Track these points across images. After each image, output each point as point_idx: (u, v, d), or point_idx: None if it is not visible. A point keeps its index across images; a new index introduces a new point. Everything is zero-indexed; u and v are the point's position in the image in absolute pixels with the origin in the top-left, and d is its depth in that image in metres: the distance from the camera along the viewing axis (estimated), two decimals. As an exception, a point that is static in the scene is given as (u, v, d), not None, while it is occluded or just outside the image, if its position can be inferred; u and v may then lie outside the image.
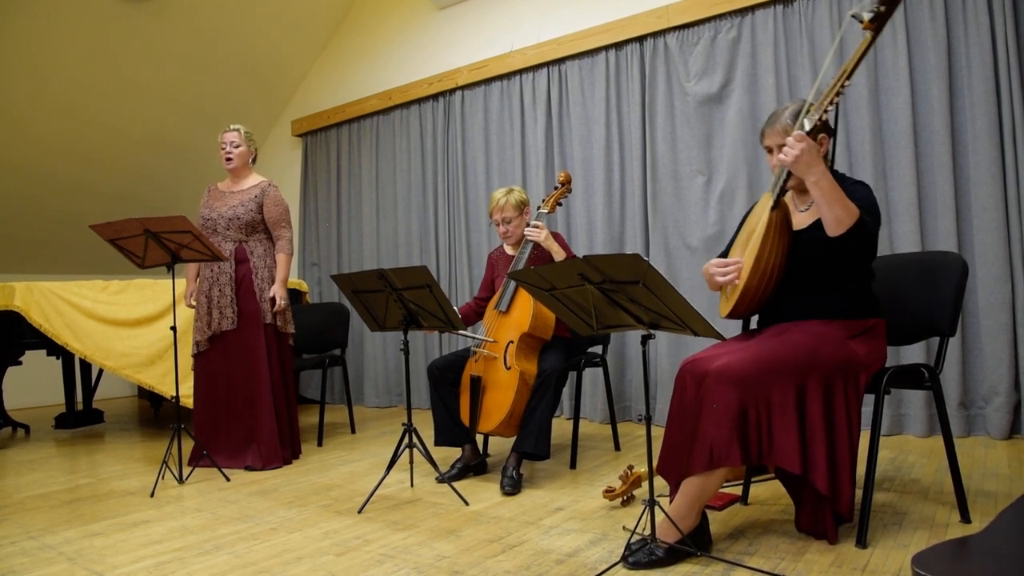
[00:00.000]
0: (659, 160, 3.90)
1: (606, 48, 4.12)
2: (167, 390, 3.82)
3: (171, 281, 3.27)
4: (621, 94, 4.08)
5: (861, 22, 1.76)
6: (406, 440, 2.63)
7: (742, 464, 1.81)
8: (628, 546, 1.85)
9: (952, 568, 0.95)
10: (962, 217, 3.13)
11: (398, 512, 2.44)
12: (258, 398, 3.23)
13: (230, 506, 2.61)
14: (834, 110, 1.88)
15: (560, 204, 3.14)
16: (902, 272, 2.26)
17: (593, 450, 3.34)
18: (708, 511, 2.11)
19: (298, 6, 5.25)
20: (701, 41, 3.79)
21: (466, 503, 2.50)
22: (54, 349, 4.12)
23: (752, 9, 3.64)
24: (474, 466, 2.92)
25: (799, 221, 2.03)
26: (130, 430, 4.54)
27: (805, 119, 1.85)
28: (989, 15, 3.05)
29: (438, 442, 2.91)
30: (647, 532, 1.84)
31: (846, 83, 1.80)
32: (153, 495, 2.79)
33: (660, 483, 2.16)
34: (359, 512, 2.45)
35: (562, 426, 3.81)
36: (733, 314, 2.08)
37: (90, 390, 4.73)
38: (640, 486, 2.40)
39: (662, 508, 1.87)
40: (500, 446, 3.31)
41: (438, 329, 2.67)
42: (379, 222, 5.23)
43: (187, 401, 3.43)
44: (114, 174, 5.48)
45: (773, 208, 1.94)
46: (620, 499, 2.37)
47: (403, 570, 1.89)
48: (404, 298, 2.56)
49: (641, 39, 3.99)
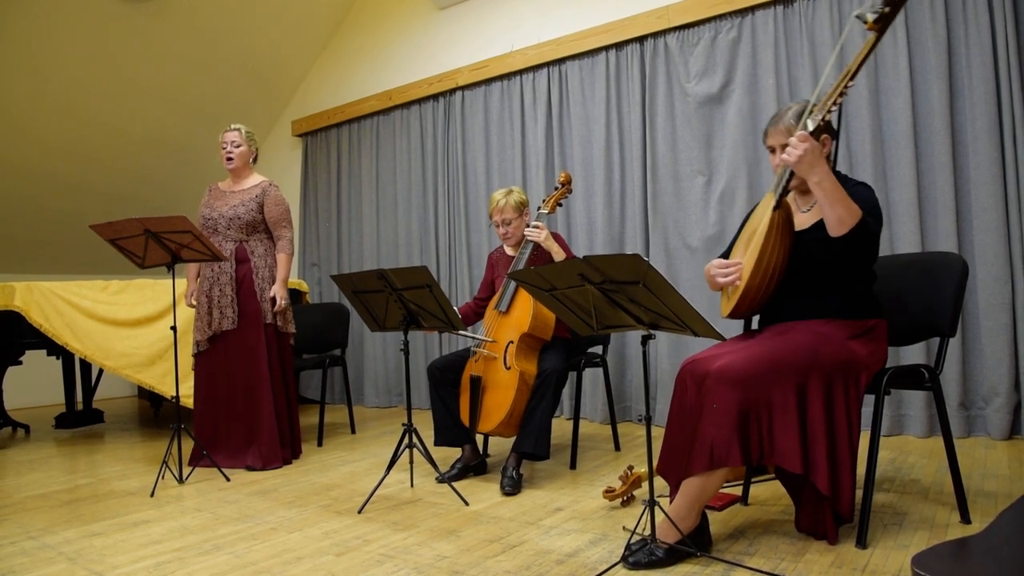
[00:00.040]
0: (659, 160, 3.90)
1: (606, 48, 4.12)
2: (167, 390, 3.82)
3: (171, 281, 3.27)
4: (621, 94, 4.08)
5: (865, 23, 1.76)
6: (406, 440, 2.63)
7: (742, 464, 1.81)
8: (628, 546, 1.85)
9: (952, 568, 0.95)
10: (962, 217, 3.13)
11: (398, 512, 2.44)
12: (258, 398, 3.23)
13: (230, 506, 2.61)
14: (837, 111, 1.88)
15: (560, 204, 3.14)
16: (902, 272, 2.25)
17: (593, 450, 3.34)
18: (708, 511, 2.11)
19: (298, 6, 5.25)
20: (701, 41, 3.79)
21: (466, 503, 2.50)
22: (54, 349, 4.12)
23: (752, 9, 3.65)
24: (474, 466, 2.92)
25: (801, 222, 2.03)
26: (130, 430, 4.54)
27: (808, 119, 1.85)
28: (989, 15, 3.05)
29: (438, 442, 2.91)
30: (647, 532, 1.84)
31: (850, 84, 1.80)
32: (153, 495, 2.79)
33: (660, 483, 2.16)
34: (359, 512, 2.45)
35: (562, 426, 3.81)
36: (734, 314, 2.08)
37: (90, 390, 4.73)
38: (640, 486, 2.40)
39: (662, 508, 1.87)
40: (500, 446, 3.31)
41: (438, 329, 2.67)
42: (379, 222, 5.23)
43: (187, 401, 3.42)
44: (114, 174, 5.48)
45: (775, 208, 1.94)
46: (620, 499, 2.37)
47: (403, 570, 1.89)
48: (404, 298, 2.56)
49: (641, 39, 3.99)
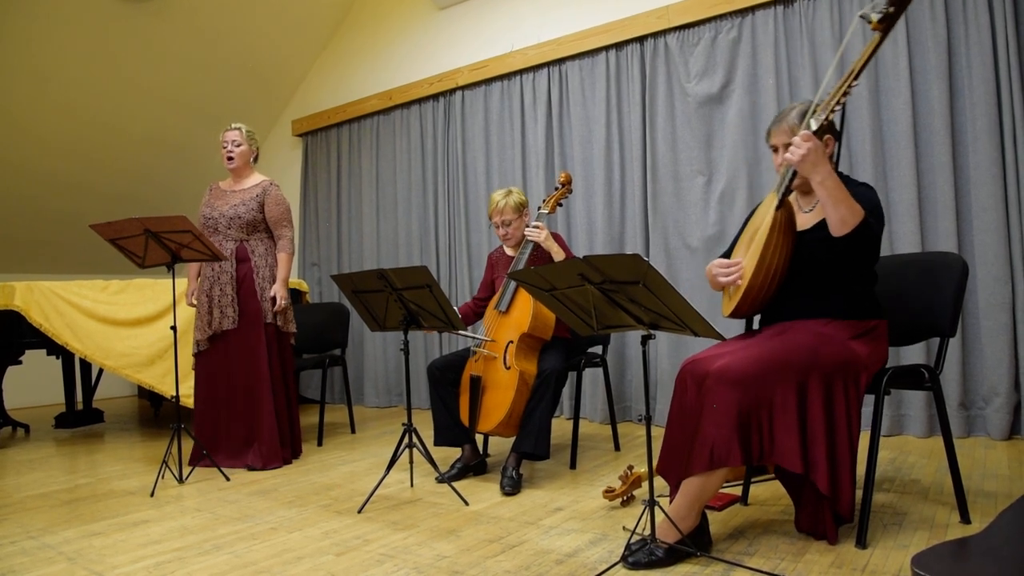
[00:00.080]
0: (659, 160, 3.90)
1: (606, 48, 4.11)
2: (167, 390, 3.82)
3: (171, 281, 3.27)
4: (621, 94, 4.08)
5: (870, 23, 1.76)
6: (406, 440, 2.63)
7: (743, 464, 1.81)
8: (628, 546, 1.85)
9: (952, 568, 0.95)
10: (962, 217, 3.13)
11: (398, 512, 2.44)
12: (259, 398, 3.23)
13: (230, 506, 2.61)
14: (840, 111, 1.88)
15: (560, 205, 3.14)
16: (902, 272, 2.25)
17: (593, 450, 3.33)
18: (708, 511, 2.11)
19: (298, 6, 5.25)
20: (701, 41, 3.79)
21: (466, 503, 2.50)
22: (54, 349, 4.12)
23: (752, 9, 3.65)
24: (474, 466, 2.92)
25: (803, 222, 2.03)
26: (130, 430, 4.53)
27: (812, 119, 1.85)
28: (989, 15, 3.05)
29: (438, 442, 2.91)
30: (647, 532, 1.84)
31: (853, 83, 1.80)
32: (153, 495, 2.79)
33: (660, 483, 2.16)
34: (359, 512, 2.45)
35: (562, 426, 3.81)
36: (735, 313, 2.08)
37: (90, 390, 4.73)
38: (640, 486, 2.39)
39: (662, 508, 1.87)
40: (500, 446, 3.31)
41: (438, 329, 2.67)
42: (379, 222, 5.23)
43: (187, 401, 3.43)
44: (114, 174, 5.48)
45: (777, 208, 1.94)
46: (620, 499, 2.37)
47: (403, 570, 1.89)
48: (404, 298, 2.56)
49: (641, 39, 3.99)
